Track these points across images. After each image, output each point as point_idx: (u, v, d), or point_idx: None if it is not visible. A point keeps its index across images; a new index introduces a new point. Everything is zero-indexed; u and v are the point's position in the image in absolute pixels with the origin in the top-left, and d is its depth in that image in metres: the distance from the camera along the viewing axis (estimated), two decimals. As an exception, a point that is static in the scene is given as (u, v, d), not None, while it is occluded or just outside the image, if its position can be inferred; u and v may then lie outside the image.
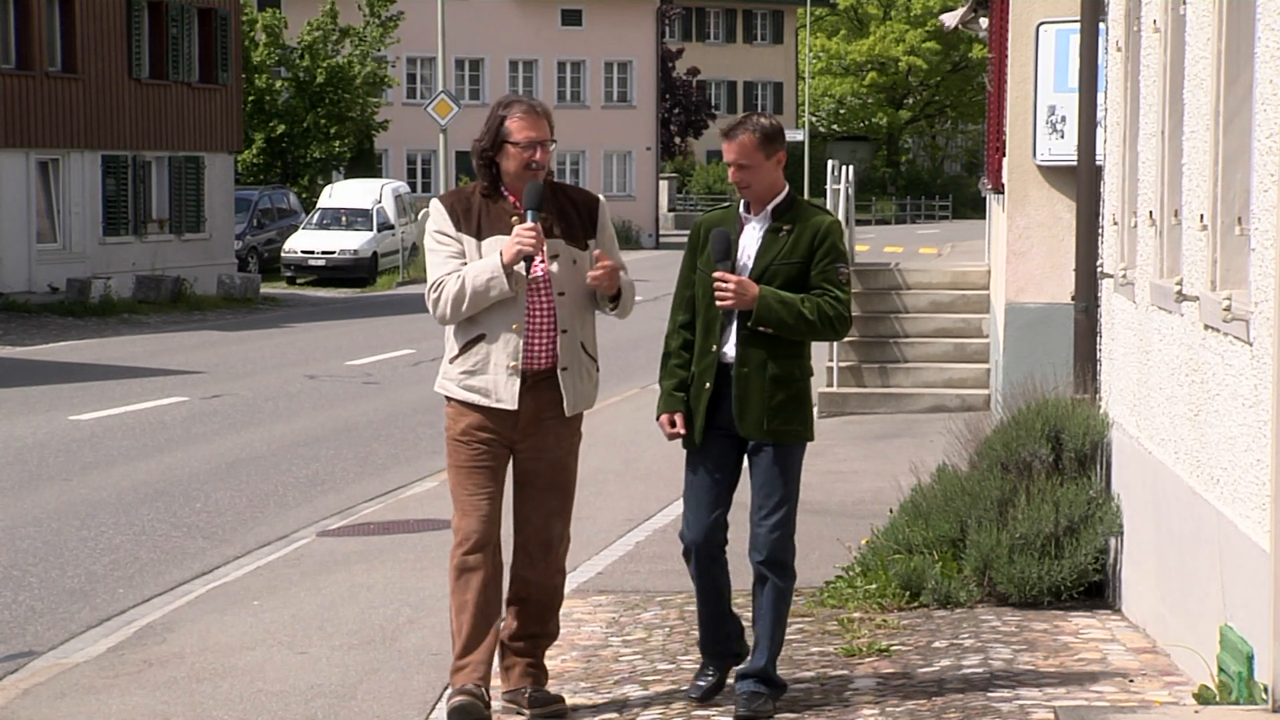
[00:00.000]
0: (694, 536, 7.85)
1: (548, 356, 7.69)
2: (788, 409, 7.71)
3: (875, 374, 20.75)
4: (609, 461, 16.51)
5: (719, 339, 7.75)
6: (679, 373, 7.86)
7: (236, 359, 27.96)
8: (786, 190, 7.84)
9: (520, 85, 73.13)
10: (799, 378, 7.77)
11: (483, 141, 7.71)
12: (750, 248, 7.76)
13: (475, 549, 7.71)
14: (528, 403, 7.69)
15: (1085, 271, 11.87)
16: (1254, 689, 6.86)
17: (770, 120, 7.79)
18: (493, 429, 7.72)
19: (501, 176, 7.72)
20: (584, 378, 7.81)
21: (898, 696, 8.11)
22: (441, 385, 7.82)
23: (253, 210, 49.68)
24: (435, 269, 7.70)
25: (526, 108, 7.70)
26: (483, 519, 7.73)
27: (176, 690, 8.92)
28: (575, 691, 8.35)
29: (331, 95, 54.09)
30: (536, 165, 7.63)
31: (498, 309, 7.62)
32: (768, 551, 7.72)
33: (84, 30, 39.95)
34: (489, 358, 7.67)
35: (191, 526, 13.77)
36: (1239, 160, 7.40)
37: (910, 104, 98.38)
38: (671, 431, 7.85)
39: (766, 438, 7.72)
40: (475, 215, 7.70)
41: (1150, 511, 9.16)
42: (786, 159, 7.83)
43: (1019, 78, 16.20)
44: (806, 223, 7.74)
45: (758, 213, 7.79)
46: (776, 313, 7.61)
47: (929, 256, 44.96)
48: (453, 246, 7.68)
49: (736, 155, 7.72)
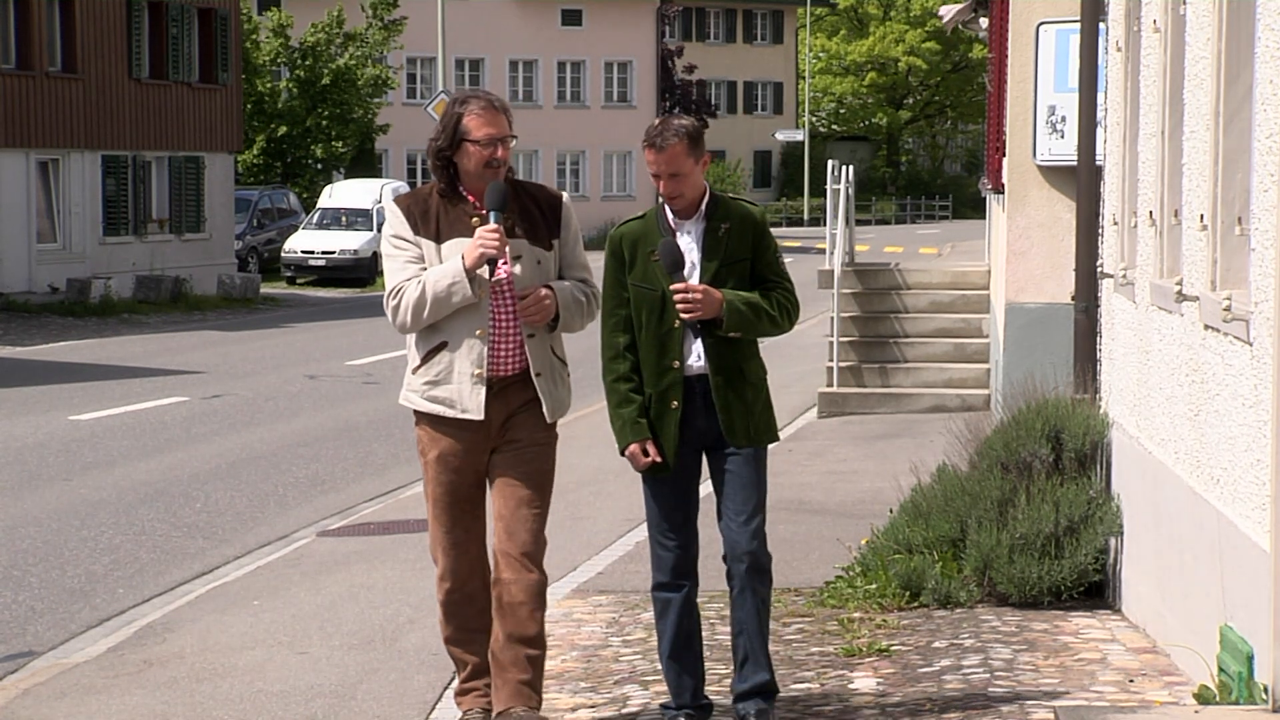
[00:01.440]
0: (673, 565, 7.50)
1: (515, 362, 7.38)
2: (765, 411, 7.49)
3: (875, 374, 20.75)
4: (609, 461, 16.49)
5: (679, 353, 7.37)
6: (635, 398, 7.42)
7: (236, 359, 27.96)
8: (708, 187, 7.51)
9: (520, 85, 73.16)
10: (764, 376, 7.54)
11: (439, 140, 7.37)
12: (692, 253, 7.40)
13: (460, 586, 7.51)
14: (497, 409, 7.37)
15: (1085, 271, 11.87)
16: (1254, 689, 6.86)
17: (690, 121, 7.42)
18: (465, 450, 7.41)
19: (460, 176, 7.40)
20: (558, 382, 7.49)
21: (898, 696, 8.11)
22: (405, 398, 7.51)
23: (253, 210, 49.68)
24: (394, 275, 7.37)
25: (485, 103, 7.37)
26: (464, 556, 7.50)
27: (176, 690, 8.92)
28: (575, 691, 8.35)
29: (335, 97, 54.10)
30: (497, 163, 7.32)
31: (460, 315, 7.31)
32: (751, 556, 7.40)
33: (84, 30, 39.95)
34: (452, 366, 7.36)
35: (191, 526, 13.77)
36: (1239, 160, 7.40)
37: (910, 104, 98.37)
38: (644, 461, 7.44)
39: (750, 444, 7.43)
40: (434, 218, 7.38)
41: (1150, 511, 9.16)
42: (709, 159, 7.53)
43: (1019, 78, 16.20)
44: (741, 217, 7.43)
45: (689, 216, 7.41)
46: (745, 315, 7.33)
47: (929, 256, 44.95)
48: (411, 251, 7.37)
49: (668, 166, 7.31)
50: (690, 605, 7.55)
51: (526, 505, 7.38)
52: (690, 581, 7.54)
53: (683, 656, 7.56)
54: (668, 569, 7.52)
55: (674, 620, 7.53)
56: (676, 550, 7.50)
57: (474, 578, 7.51)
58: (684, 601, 7.53)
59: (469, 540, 7.49)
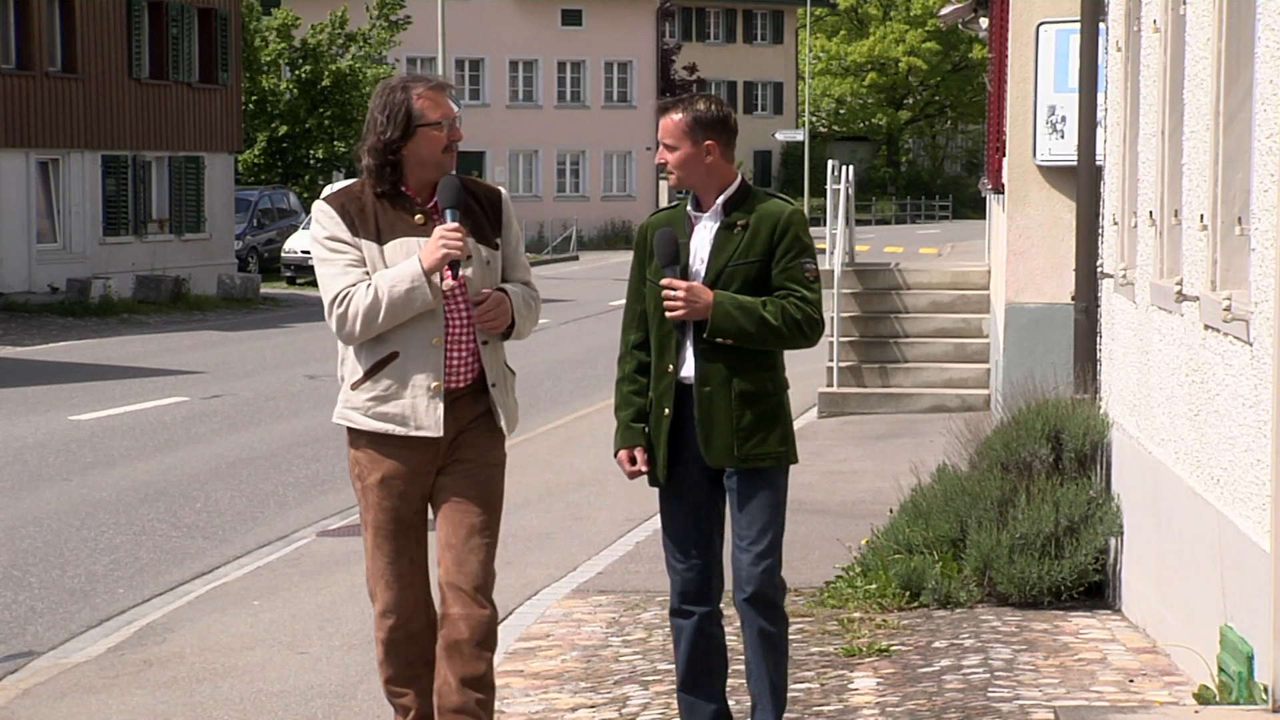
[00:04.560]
0: (684, 588, 6.82)
1: (468, 373, 6.68)
2: (760, 429, 6.69)
3: (875, 374, 20.77)
4: (609, 461, 16.46)
5: (675, 357, 6.74)
6: (635, 400, 6.83)
7: (236, 359, 27.96)
8: (739, 180, 6.80)
9: (520, 85, 73.16)
10: (772, 392, 6.74)
11: (387, 133, 6.57)
12: (702, 249, 6.74)
13: (405, 624, 6.83)
14: (448, 425, 6.66)
15: (1085, 271, 11.88)
16: (1254, 689, 6.86)
17: (716, 107, 6.76)
18: (412, 473, 6.70)
19: (402, 173, 6.66)
20: (509, 393, 6.82)
21: (898, 696, 8.11)
22: (344, 416, 6.80)
23: (253, 210, 49.68)
24: (334, 280, 6.59)
25: (431, 84, 6.65)
26: (409, 590, 6.81)
27: (176, 690, 8.92)
28: (575, 691, 8.35)
29: (336, 97, 54.09)
30: (455, 146, 6.65)
31: (412, 322, 6.59)
32: (753, 587, 6.69)
33: (84, 30, 39.96)
34: (405, 379, 6.62)
35: (191, 526, 13.76)
36: (1239, 160, 7.40)
37: (910, 104, 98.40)
38: (631, 469, 6.84)
39: (739, 464, 6.69)
40: (371, 217, 6.63)
41: (1150, 512, 9.16)
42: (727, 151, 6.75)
43: (1019, 78, 16.21)
44: (763, 215, 6.71)
45: (708, 207, 6.76)
46: (735, 320, 6.61)
47: (929, 256, 44.93)
48: (351, 254, 6.60)
49: (661, 133, 6.76)
50: (704, 636, 6.86)
51: (479, 534, 6.72)
52: (703, 609, 6.85)
53: (695, 690, 6.92)
54: (677, 592, 6.87)
55: (685, 650, 6.88)
56: (685, 573, 6.83)
57: (419, 614, 6.86)
58: (695, 631, 6.85)
59: (413, 572, 6.82)
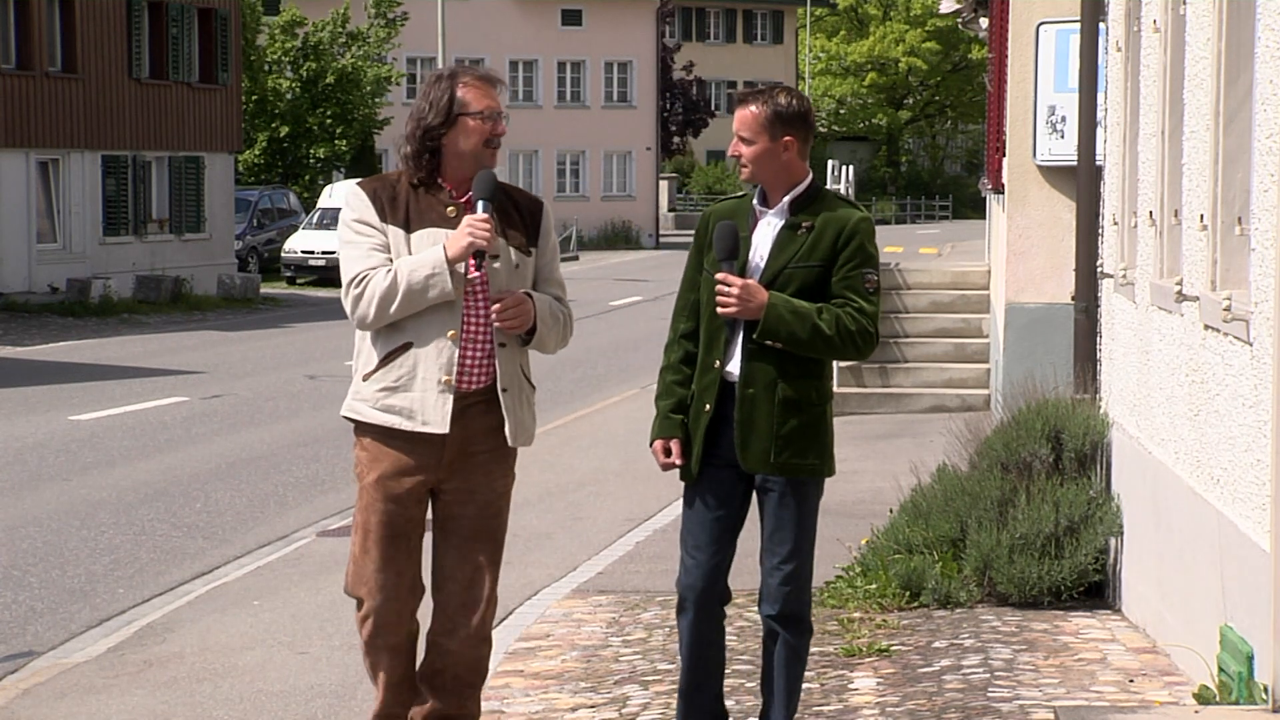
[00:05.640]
0: (690, 582, 6.65)
1: (483, 374, 6.49)
2: (801, 439, 6.54)
3: (875, 374, 20.76)
4: (609, 461, 16.52)
5: (722, 354, 6.57)
6: (677, 391, 6.67)
7: (236, 359, 27.96)
8: (809, 180, 6.62)
9: (520, 85, 73.11)
10: (816, 402, 6.58)
11: (429, 118, 6.50)
12: (763, 246, 6.56)
13: (384, 633, 6.57)
14: (455, 431, 6.45)
15: (1085, 271, 11.88)
16: (1254, 689, 6.86)
17: (797, 102, 6.57)
18: (413, 472, 6.49)
19: (441, 162, 6.57)
20: (524, 404, 6.60)
21: (898, 696, 8.11)
22: (351, 409, 6.56)
23: (253, 210, 49.68)
24: (355, 262, 6.46)
25: (480, 74, 6.56)
26: (392, 603, 6.54)
27: (176, 690, 8.92)
28: (575, 691, 8.35)
29: (338, 96, 54.10)
30: (497, 141, 6.54)
31: (430, 314, 6.43)
32: (780, 605, 6.60)
33: (84, 30, 39.95)
34: (416, 371, 6.45)
35: (191, 526, 13.76)
36: (1239, 160, 7.40)
37: (910, 104, 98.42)
38: (665, 461, 6.66)
39: (775, 472, 6.56)
40: (403, 205, 6.53)
41: (1150, 512, 9.16)
42: (804, 149, 6.60)
43: (1019, 78, 16.21)
44: (830, 219, 6.53)
45: (775, 204, 6.59)
46: (788, 324, 6.43)
47: (929, 256, 44.88)
48: (376, 238, 6.49)
49: (737, 124, 6.58)
50: (702, 641, 6.73)
51: (486, 569, 6.58)
52: (698, 611, 6.69)
53: (692, 697, 6.80)
54: (682, 583, 6.72)
55: (686, 652, 6.77)
56: (694, 568, 6.68)
57: (401, 627, 6.61)
58: (691, 631, 6.72)
59: (399, 585, 6.55)
